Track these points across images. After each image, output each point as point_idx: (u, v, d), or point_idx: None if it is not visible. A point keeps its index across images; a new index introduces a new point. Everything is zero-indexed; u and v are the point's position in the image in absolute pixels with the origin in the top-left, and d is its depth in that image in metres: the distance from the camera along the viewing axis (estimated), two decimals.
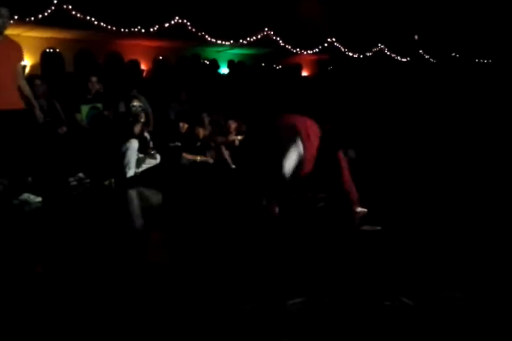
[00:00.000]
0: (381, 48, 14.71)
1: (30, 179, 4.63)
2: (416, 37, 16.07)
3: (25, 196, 4.44)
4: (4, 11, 4.13)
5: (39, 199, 4.46)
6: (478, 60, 16.90)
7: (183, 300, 2.20)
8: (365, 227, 3.28)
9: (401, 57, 15.33)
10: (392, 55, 15.08)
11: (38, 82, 5.74)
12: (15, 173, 4.42)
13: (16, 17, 6.39)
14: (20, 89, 4.38)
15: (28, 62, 8.51)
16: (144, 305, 2.17)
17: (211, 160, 6.43)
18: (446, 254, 2.75)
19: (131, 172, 5.59)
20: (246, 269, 2.60)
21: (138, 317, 2.05)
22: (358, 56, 14.08)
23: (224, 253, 2.91)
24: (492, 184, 4.69)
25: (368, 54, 14.34)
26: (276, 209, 3.37)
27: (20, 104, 4.41)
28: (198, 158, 6.30)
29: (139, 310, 2.12)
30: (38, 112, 4.50)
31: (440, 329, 1.87)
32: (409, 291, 2.19)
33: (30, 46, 8.51)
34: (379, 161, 6.23)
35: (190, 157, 6.26)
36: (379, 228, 3.25)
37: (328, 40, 13.28)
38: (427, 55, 15.94)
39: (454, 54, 16.36)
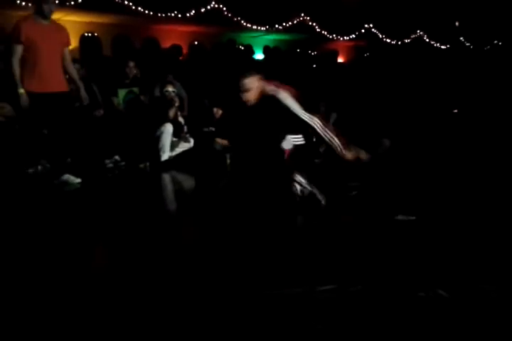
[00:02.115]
0: (420, 35, 14.32)
1: (69, 160, 4.75)
2: (457, 23, 15.57)
3: (66, 177, 4.54)
4: None
5: (79, 180, 4.56)
6: None
7: (214, 283, 2.22)
8: (400, 217, 3.24)
9: (440, 45, 14.90)
10: (432, 42, 14.67)
11: (76, 65, 5.82)
12: (56, 154, 4.53)
13: (57, 1, 6.48)
14: (67, 72, 4.56)
15: None
16: (174, 286, 2.21)
17: None
18: (482, 246, 2.69)
19: (165, 156, 5.66)
20: (278, 255, 2.60)
21: (166, 297, 2.09)
22: (396, 43, 13.76)
23: (256, 238, 2.93)
24: None
25: (406, 41, 13.99)
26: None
27: (66, 87, 4.55)
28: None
29: (168, 290, 2.16)
30: (83, 93, 4.64)
31: (473, 322, 1.84)
32: (444, 283, 2.16)
33: (70, 30, 8.55)
34: (414, 151, 6.12)
35: (222, 142, 6.29)
36: (413, 218, 3.21)
37: (365, 26, 13.00)
38: (468, 42, 15.44)
39: (496, 41, 15.80)
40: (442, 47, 14.90)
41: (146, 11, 8.87)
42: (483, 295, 2.05)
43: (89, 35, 9.22)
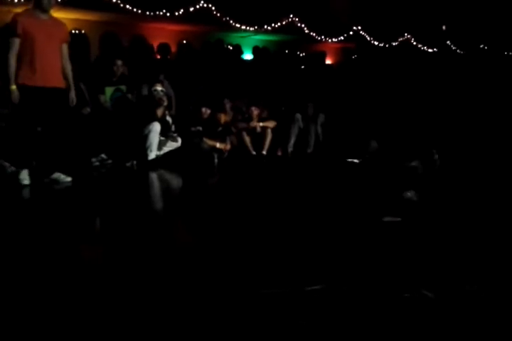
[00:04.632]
0: (407, 38, 14.44)
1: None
2: (444, 27, 15.73)
3: (56, 175, 4.48)
4: None
5: (69, 179, 4.50)
6: (508, 53, 16.49)
7: (199, 283, 2.22)
8: (387, 218, 3.26)
9: (428, 48, 15.05)
10: (419, 46, 14.80)
11: None
12: (46, 152, 4.46)
13: None
14: (63, 69, 4.49)
15: None
16: (160, 285, 2.20)
17: (228, 147, 6.41)
18: (467, 247, 2.72)
19: (152, 154, 5.63)
20: (266, 254, 2.60)
21: (153, 295, 2.07)
22: (384, 45, 13.86)
23: (244, 237, 2.92)
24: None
25: (393, 43, 14.10)
26: None
27: (63, 83, 4.49)
28: (218, 145, 6.31)
29: (153, 289, 2.15)
30: (72, 94, 4.56)
31: (458, 323, 1.85)
32: (430, 284, 2.17)
33: None
34: (402, 151, 6.16)
35: (210, 142, 6.28)
36: (399, 219, 3.23)
37: (354, 28, 13.07)
38: (455, 46, 15.60)
39: (482, 46, 15.98)
40: (429, 50, 15.04)
41: (135, 9, 8.83)
42: (468, 295, 2.07)
43: (77, 32, 9.14)
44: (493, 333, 1.79)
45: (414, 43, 14.65)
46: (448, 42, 15.44)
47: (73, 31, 9.13)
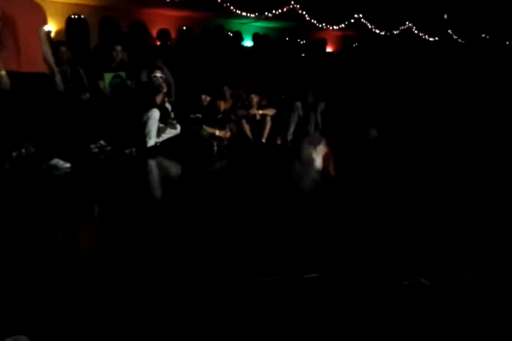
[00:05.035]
0: (409, 27, 14.35)
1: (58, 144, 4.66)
2: (445, 16, 15.62)
3: (55, 161, 4.48)
4: None
5: (68, 165, 4.49)
6: (510, 43, 16.41)
7: (199, 271, 2.23)
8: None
9: (429, 37, 14.96)
10: (420, 34, 14.71)
11: (63, 48, 5.74)
12: (42, 139, 4.43)
13: None
14: (43, 55, 4.33)
15: (53, 27, 8.49)
16: (158, 274, 2.21)
17: (227, 135, 6.39)
18: (466, 236, 2.73)
19: (151, 141, 5.62)
20: (264, 242, 2.61)
21: (150, 286, 2.09)
22: (385, 34, 13.78)
23: (242, 226, 2.93)
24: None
25: (395, 32, 14.01)
26: None
27: (45, 68, 4.37)
28: (217, 132, 6.29)
29: (151, 278, 2.16)
30: (58, 79, 4.46)
31: (455, 311, 1.87)
32: (428, 271, 2.19)
33: (55, 11, 8.47)
34: (400, 140, 6.16)
35: (209, 130, 6.26)
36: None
37: (355, 15, 12.98)
38: (456, 35, 15.52)
39: (483, 35, 15.90)
40: (430, 39, 14.96)
41: None
42: (466, 283, 2.08)
43: (76, 17, 9.06)
44: (488, 321, 1.81)
45: (416, 32, 14.57)
46: (449, 31, 15.36)
47: (72, 16, 9.06)
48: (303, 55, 11.17)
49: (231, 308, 1.88)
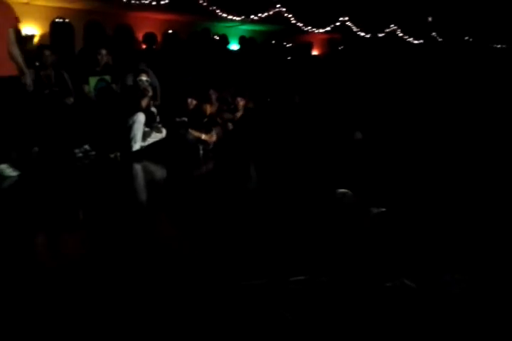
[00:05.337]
0: (394, 29, 14.48)
1: (36, 149, 4.62)
2: (429, 19, 15.78)
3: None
4: None
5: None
6: (492, 45, 16.62)
7: (184, 275, 2.22)
8: (371, 209, 3.28)
9: (413, 39, 15.10)
10: (405, 37, 14.85)
11: (47, 52, 5.69)
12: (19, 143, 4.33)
13: None
14: (11, 56, 4.20)
15: (37, 31, 8.43)
16: (144, 279, 2.19)
17: (213, 139, 6.36)
18: (448, 237, 2.75)
19: (137, 145, 5.58)
20: (249, 246, 2.61)
21: (137, 290, 2.07)
22: (370, 36, 13.88)
23: (227, 229, 2.93)
24: (495, 173, 4.66)
25: (380, 35, 14.13)
26: None
27: (13, 71, 4.21)
28: (203, 136, 6.27)
29: (138, 283, 2.15)
30: (28, 80, 4.34)
31: (439, 312, 1.88)
32: (411, 273, 2.20)
33: (40, 15, 8.42)
34: (385, 143, 6.19)
35: (195, 133, 6.24)
36: (384, 209, 3.25)
37: (341, 19, 13.06)
38: (440, 37, 15.69)
39: (467, 38, 16.08)
40: (415, 41, 15.09)
41: None
42: (451, 285, 2.09)
43: (61, 21, 9.00)
44: (471, 320, 1.83)
45: (401, 35, 14.70)
46: (433, 33, 15.51)
47: (57, 20, 9.00)
48: (289, 58, 11.19)
49: (216, 311, 1.87)
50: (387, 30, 14.29)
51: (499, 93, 8.88)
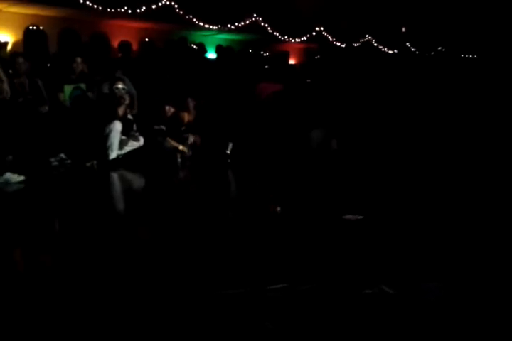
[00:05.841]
0: (369, 39, 14.72)
1: (10, 158, 4.53)
2: (403, 29, 16.10)
3: (8, 175, 4.33)
4: None
5: (21, 178, 4.36)
6: (464, 55, 17.04)
7: (163, 285, 2.19)
8: (348, 216, 3.30)
9: (388, 49, 15.37)
10: (380, 47, 15.11)
11: (20, 60, 5.61)
12: None
13: None
14: None
15: (10, 38, 8.31)
16: (125, 288, 2.16)
17: (190, 153, 6.31)
18: (427, 244, 2.78)
19: (113, 154, 5.53)
20: (229, 255, 2.60)
21: (121, 298, 2.04)
22: (346, 46, 14.09)
23: (206, 238, 2.91)
24: (468, 177, 4.74)
25: (355, 44, 14.35)
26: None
27: None
28: (180, 147, 6.23)
29: (121, 292, 2.11)
30: (5, 86, 4.30)
31: (418, 319, 1.90)
32: (390, 280, 2.21)
33: (13, 22, 8.31)
34: (361, 152, 6.26)
35: (173, 143, 6.20)
36: (361, 217, 3.27)
37: (317, 28, 13.23)
38: (414, 47, 16.01)
39: (440, 48, 16.45)
40: (389, 51, 15.36)
41: (95, 6, 8.66)
42: (429, 292, 2.11)
43: (34, 28, 8.89)
44: (449, 328, 1.84)
45: (375, 44, 14.95)
46: (407, 44, 15.82)
47: (30, 27, 8.89)
48: (266, 67, 11.25)
49: (196, 321, 1.85)
50: (363, 40, 14.54)
51: (470, 102, 9.09)
